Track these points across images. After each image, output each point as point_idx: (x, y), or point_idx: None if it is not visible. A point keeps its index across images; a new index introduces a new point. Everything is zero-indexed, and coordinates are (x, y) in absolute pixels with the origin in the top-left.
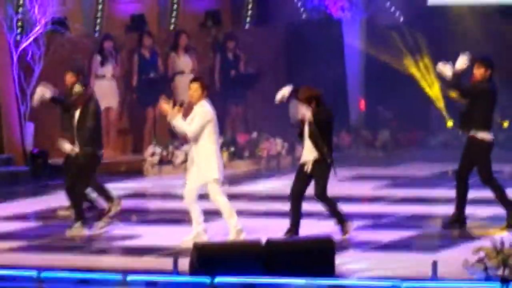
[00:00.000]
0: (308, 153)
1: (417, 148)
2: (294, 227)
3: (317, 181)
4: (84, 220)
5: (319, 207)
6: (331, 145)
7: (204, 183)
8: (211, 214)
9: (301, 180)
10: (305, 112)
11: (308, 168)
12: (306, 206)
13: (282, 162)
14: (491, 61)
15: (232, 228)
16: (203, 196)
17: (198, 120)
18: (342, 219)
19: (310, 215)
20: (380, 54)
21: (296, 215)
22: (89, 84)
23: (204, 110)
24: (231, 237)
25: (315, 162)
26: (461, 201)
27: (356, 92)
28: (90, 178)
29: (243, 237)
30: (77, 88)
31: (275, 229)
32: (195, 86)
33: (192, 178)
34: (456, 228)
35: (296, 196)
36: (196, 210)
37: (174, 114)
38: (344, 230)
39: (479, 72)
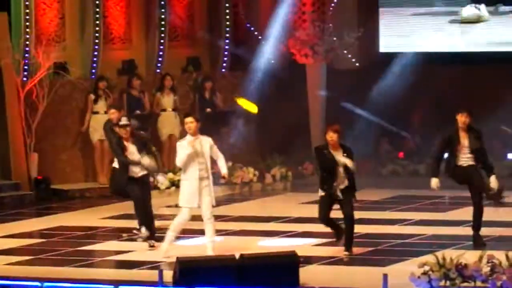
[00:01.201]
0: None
1: (369, 175)
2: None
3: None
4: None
5: (283, 227)
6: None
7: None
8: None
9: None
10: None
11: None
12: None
13: (253, 188)
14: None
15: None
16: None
17: (216, 148)
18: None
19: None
20: (338, 94)
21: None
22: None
23: (211, 140)
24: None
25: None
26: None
27: (318, 126)
28: None
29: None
30: (124, 121)
31: (247, 246)
32: (191, 119)
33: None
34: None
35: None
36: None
37: None
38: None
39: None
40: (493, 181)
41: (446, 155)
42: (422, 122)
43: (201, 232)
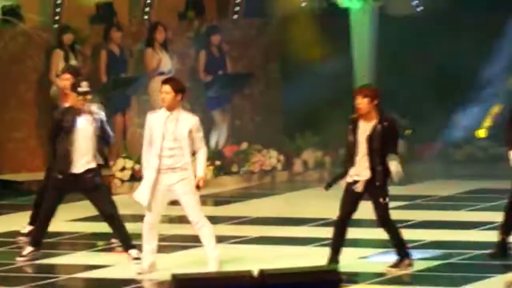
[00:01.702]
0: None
1: (437, 162)
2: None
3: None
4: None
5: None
6: None
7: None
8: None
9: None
10: None
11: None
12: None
13: (277, 178)
14: None
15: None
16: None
17: (200, 135)
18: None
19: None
20: (394, 49)
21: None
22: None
23: (197, 120)
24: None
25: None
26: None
27: None
28: None
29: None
30: (85, 86)
31: (269, 258)
32: (167, 88)
33: None
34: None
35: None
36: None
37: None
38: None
39: None
40: None
41: None
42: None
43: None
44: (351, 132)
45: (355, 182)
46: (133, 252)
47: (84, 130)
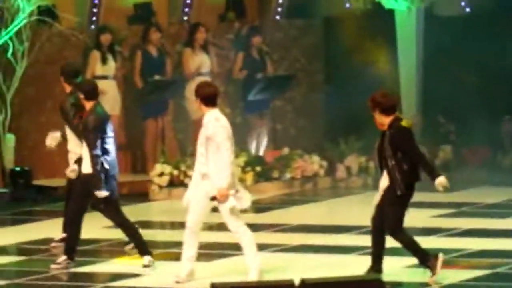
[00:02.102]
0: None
1: (485, 168)
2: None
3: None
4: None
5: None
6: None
7: None
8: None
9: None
10: None
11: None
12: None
13: (319, 184)
14: None
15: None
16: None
17: (223, 139)
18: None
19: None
20: (441, 51)
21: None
22: None
23: (222, 125)
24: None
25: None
26: None
27: (412, 98)
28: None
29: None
30: None
31: (310, 266)
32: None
33: None
34: None
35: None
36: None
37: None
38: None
39: None
40: None
41: None
42: None
43: (238, 248)
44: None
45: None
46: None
47: None
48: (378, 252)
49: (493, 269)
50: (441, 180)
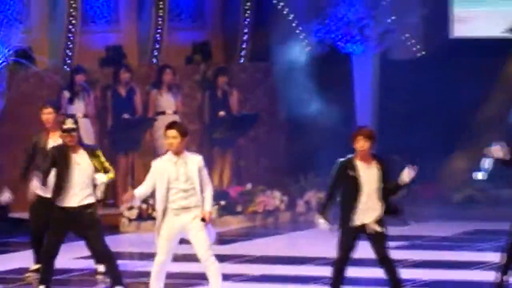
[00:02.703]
0: None
1: (437, 204)
2: None
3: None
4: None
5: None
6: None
7: None
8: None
9: None
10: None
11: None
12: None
13: (280, 218)
14: None
15: None
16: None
17: (206, 173)
18: None
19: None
20: (395, 92)
21: None
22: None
23: (202, 159)
24: None
25: None
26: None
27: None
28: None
29: None
30: (70, 124)
31: None
32: (173, 133)
33: None
34: None
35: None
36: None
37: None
38: None
39: None
40: None
41: None
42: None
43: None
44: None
45: None
46: None
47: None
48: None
49: None
50: (405, 171)
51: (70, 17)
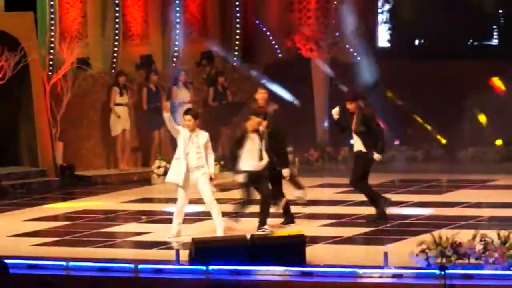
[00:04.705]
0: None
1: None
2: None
3: (354, 169)
4: None
5: (291, 209)
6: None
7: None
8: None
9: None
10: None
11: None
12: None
13: None
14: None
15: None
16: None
17: (210, 145)
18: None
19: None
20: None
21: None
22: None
23: (208, 135)
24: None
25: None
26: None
27: (322, 117)
28: None
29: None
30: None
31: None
32: (189, 117)
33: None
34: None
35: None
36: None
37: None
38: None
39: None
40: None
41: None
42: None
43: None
44: None
45: None
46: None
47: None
48: None
49: (376, 227)
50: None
51: (115, 35)
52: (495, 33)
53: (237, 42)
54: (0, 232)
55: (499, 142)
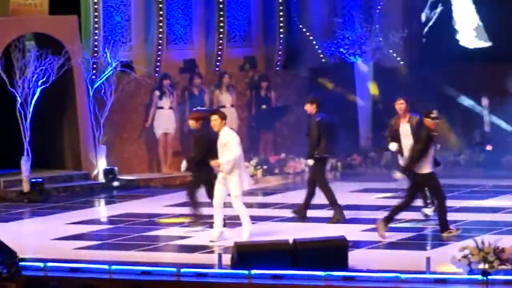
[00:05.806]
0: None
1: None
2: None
3: None
4: None
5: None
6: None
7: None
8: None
9: None
10: None
11: None
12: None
13: (305, 177)
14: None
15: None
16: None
17: (234, 143)
18: None
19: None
20: (384, 90)
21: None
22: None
23: (233, 135)
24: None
25: None
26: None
27: (365, 121)
28: None
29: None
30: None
31: (300, 231)
32: (215, 117)
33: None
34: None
35: None
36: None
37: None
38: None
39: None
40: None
41: None
42: None
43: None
44: None
45: None
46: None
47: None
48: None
49: (419, 232)
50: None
51: (159, 39)
52: None
53: (280, 47)
54: (43, 235)
55: None
